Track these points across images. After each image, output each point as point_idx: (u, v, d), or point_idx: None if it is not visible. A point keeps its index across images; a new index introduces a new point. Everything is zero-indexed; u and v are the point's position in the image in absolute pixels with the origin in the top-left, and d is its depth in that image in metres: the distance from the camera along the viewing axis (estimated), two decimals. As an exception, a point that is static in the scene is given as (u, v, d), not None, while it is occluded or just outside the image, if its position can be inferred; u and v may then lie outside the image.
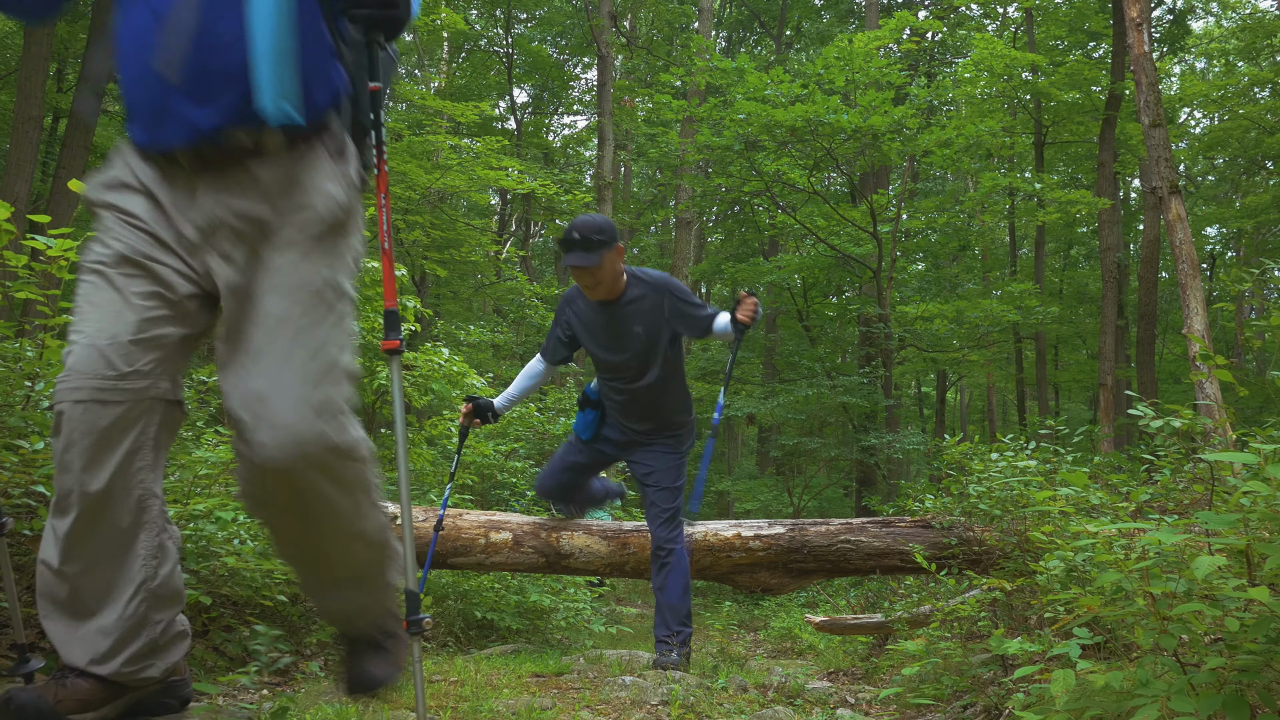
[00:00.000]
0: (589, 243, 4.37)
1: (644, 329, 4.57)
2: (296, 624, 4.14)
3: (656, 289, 4.64)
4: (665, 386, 4.74)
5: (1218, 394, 7.89)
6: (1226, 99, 21.70)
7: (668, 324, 4.63)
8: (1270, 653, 2.05)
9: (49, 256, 3.28)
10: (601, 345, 4.68)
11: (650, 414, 4.79)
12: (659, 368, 4.67)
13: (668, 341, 4.67)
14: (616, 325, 4.59)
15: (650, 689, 3.58)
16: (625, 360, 4.64)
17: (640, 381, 4.68)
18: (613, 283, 4.53)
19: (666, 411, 4.82)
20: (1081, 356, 27.44)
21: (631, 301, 4.60)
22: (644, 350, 4.61)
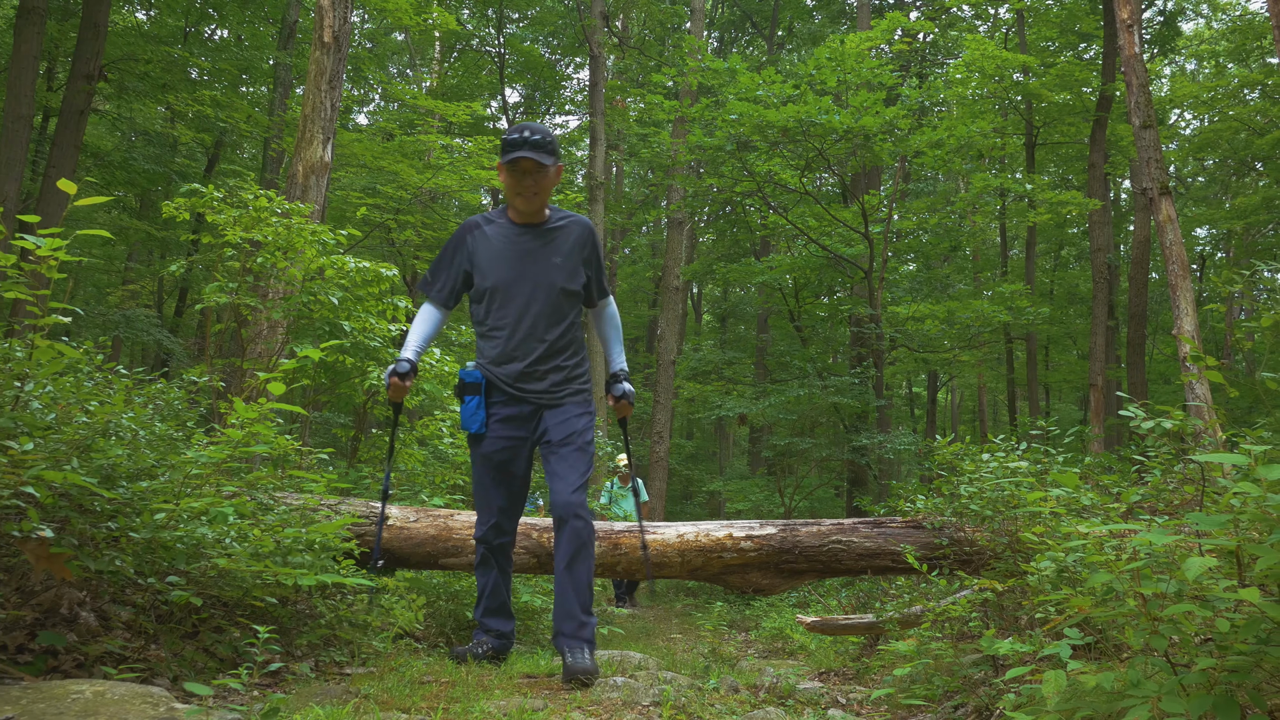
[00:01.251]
0: (544, 144, 4.01)
1: (563, 260, 4.16)
2: (287, 625, 4.13)
3: (581, 224, 4.26)
4: (568, 331, 4.21)
5: (1208, 395, 7.92)
6: (1217, 100, 21.79)
7: (584, 265, 4.25)
8: (1260, 653, 2.05)
9: (38, 256, 3.27)
10: (512, 275, 4.14)
11: (553, 366, 4.16)
12: (566, 308, 4.18)
13: (578, 285, 4.22)
14: (536, 252, 4.15)
15: (642, 690, 3.58)
16: (535, 294, 4.12)
17: (549, 326, 4.14)
18: (546, 200, 4.15)
19: (571, 363, 4.22)
20: (1072, 357, 27.53)
21: (557, 228, 4.20)
22: (559, 283, 4.13)
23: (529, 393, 4.15)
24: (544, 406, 4.17)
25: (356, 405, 8.79)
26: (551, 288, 4.13)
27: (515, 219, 4.19)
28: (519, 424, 4.18)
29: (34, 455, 3.06)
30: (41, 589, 3.19)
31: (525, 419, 4.18)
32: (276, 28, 21.25)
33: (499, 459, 4.17)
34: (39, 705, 2.51)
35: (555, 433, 4.14)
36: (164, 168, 18.67)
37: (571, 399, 4.20)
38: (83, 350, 4.18)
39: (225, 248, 6.95)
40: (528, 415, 4.18)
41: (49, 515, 3.16)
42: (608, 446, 13.17)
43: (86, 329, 17.00)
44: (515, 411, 4.16)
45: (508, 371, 4.14)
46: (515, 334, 4.13)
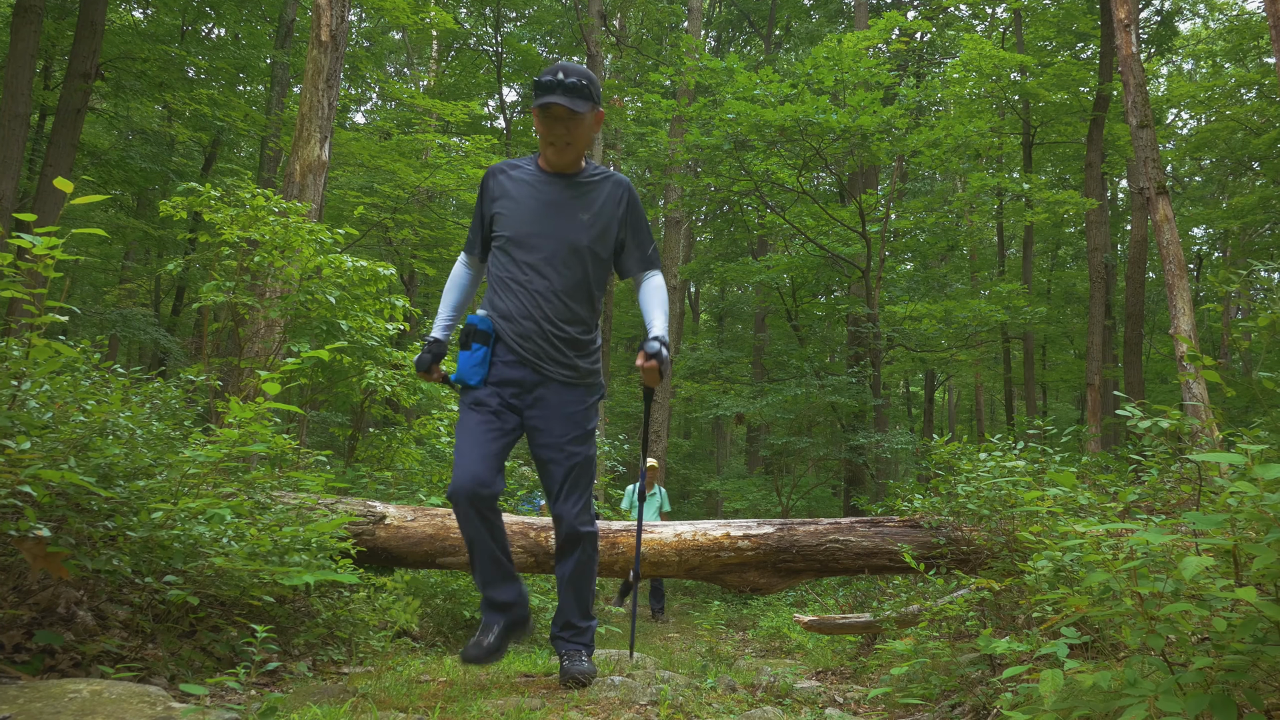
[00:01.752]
0: (580, 89, 3.61)
1: (592, 219, 3.76)
2: (285, 624, 4.13)
3: (619, 184, 3.85)
4: (587, 300, 3.79)
5: (1204, 394, 7.93)
6: (1214, 100, 21.82)
7: (619, 226, 3.84)
8: (1257, 652, 2.06)
9: (35, 255, 3.26)
10: (532, 226, 3.74)
11: (567, 336, 3.73)
12: (589, 273, 3.77)
13: (607, 248, 3.82)
14: (564, 204, 3.75)
15: (639, 689, 3.58)
16: (556, 251, 3.72)
17: (567, 288, 3.73)
18: (582, 150, 3.76)
19: (586, 338, 3.80)
20: (1069, 356, 27.55)
21: (591, 182, 3.81)
22: (584, 243, 3.73)
23: (534, 358, 3.71)
24: (547, 380, 3.72)
25: (354, 404, 8.79)
26: (575, 246, 3.72)
27: (545, 167, 3.80)
28: (517, 389, 3.72)
29: (31, 454, 3.06)
30: (39, 588, 3.19)
31: (527, 388, 3.73)
32: (274, 26, 21.24)
33: (495, 408, 3.69)
34: (36, 704, 2.51)
35: (553, 430, 3.72)
36: (161, 166, 18.64)
37: (579, 383, 3.77)
38: (80, 349, 4.17)
39: (222, 247, 6.95)
40: (529, 384, 3.73)
41: (46, 514, 3.16)
42: (605, 446, 13.05)
43: (83, 328, 16.98)
44: (518, 375, 3.72)
45: (517, 328, 3.72)
46: (531, 290, 3.71)
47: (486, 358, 3.73)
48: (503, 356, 3.73)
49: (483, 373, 3.72)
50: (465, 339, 3.75)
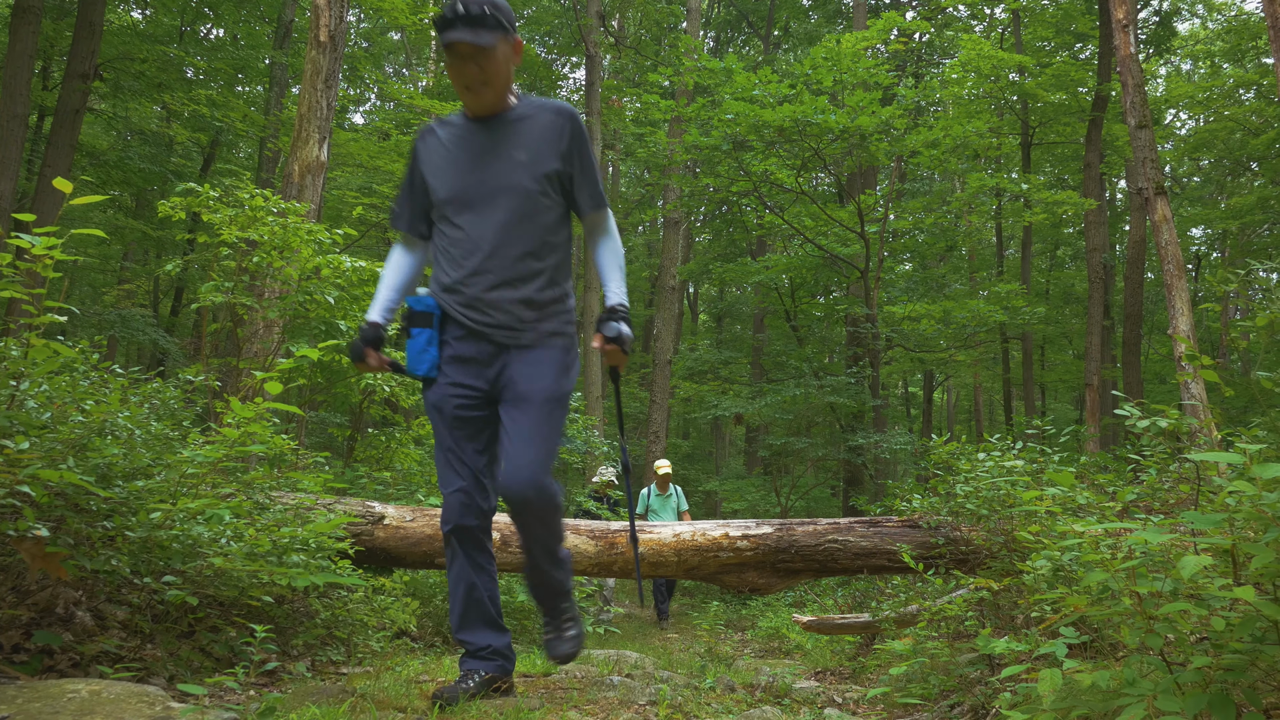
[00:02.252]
0: (483, 18, 3.13)
1: (531, 156, 3.26)
2: (284, 625, 4.13)
3: (560, 112, 3.33)
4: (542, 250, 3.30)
5: (1203, 394, 7.94)
6: (1212, 100, 21.84)
7: (561, 160, 3.32)
8: (1256, 652, 2.06)
9: (33, 255, 3.26)
10: (465, 180, 3.29)
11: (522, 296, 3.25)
12: (539, 218, 3.29)
13: (554, 186, 3.32)
14: (496, 147, 3.29)
15: (638, 689, 3.58)
16: (496, 201, 3.26)
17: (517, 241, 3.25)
18: (503, 88, 3.25)
19: (547, 295, 3.30)
20: (1068, 356, 27.56)
21: (521, 119, 3.31)
22: (526, 185, 3.25)
23: (488, 327, 3.25)
24: (508, 347, 3.27)
25: (352, 405, 8.79)
26: (517, 191, 3.25)
27: (470, 115, 3.34)
28: (476, 368, 3.28)
29: (30, 454, 3.06)
30: (37, 588, 3.18)
31: (484, 362, 3.28)
32: (272, 27, 21.24)
33: (455, 410, 3.28)
34: (35, 704, 2.51)
35: (519, 384, 3.23)
36: (159, 167, 18.64)
37: (546, 342, 3.30)
38: (78, 349, 4.17)
39: (221, 247, 6.94)
40: (487, 358, 3.28)
41: (45, 514, 3.16)
42: (604, 447, 12.98)
43: (82, 328, 16.97)
44: (472, 351, 3.28)
45: (463, 298, 3.27)
46: (472, 251, 3.25)
47: (433, 341, 3.31)
48: (453, 334, 3.31)
49: (431, 358, 3.31)
50: (406, 324, 3.34)
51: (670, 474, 11.85)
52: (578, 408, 11.69)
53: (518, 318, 3.26)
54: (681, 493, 12.08)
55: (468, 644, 3.35)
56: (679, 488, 12.06)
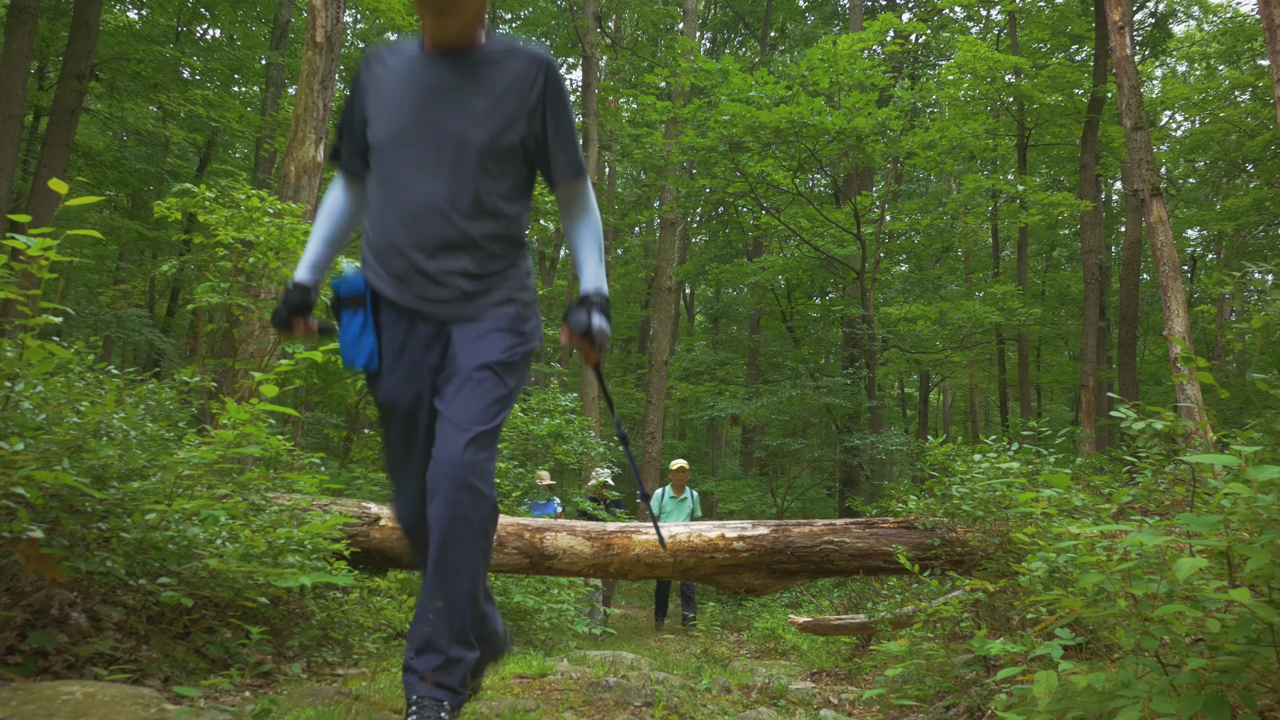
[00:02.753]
0: None
1: (491, 106, 2.75)
2: (279, 626, 4.12)
3: (534, 60, 2.80)
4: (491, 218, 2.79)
5: (1199, 396, 7.94)
6: (1207, 102, 21.87)
7: (528, 117, 2.80)
8: (1251, 654, 2.06)
9: (29, 256, 3.26)
10: (409, 114, 2.77)
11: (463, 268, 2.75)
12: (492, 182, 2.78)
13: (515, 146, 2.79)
14: (452, 89, 2.76)
15: (634, 690, 3.58)
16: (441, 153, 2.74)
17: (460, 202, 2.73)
18: (473, 19, 2.71)
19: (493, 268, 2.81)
20: (1063, 358, 27.60)
21: (487, 62, 2.78)
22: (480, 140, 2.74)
23: (426, 302, 2.76)
24: (451, 322, 2.78)
25: (349, 406, 8.79)
26: (468, 145, 2.73)
27: (429, 46, 2.81)
28: (419, 352, 2.80)
29: (25, 455, 3.05)
30: (32, 590, 3.18)
31: (426, 344, 2.80)
32: (269, 27, 21.22)
33: (404, 405, 2.81)
34: (29, 706, 2.50)
35: (460, 358, 2.73)
36: (156, 167, 18.62)
37: (493, 311, 2.80)
38: (74, 350, 4.17)
39: (217, 248, 6.94)
40: (429, 339, 2.79)
41: (40, 516, 3.16)
42: (600, 448, 12.91)
43: (78, 329, 16.95)
44: (409, 334, 2.80)
45: (394, 268, 2.77)
46: (407, 209, 2.74)
47: (367, 326, 2.82)
48: (389, 316, 2.83)
49: (368, 347, 2.81)
50: (334, 308, 2.87)
51: (687, 475, 11.48)
52: (573, 409, 11.64)
53: (460, 290, 2.76)
54: (697, 498, 11.67)
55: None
56: (695, 493, 11.63)
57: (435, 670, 2.55)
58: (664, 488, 11.57)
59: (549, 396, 11.57)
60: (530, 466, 10.51)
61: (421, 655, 2.58)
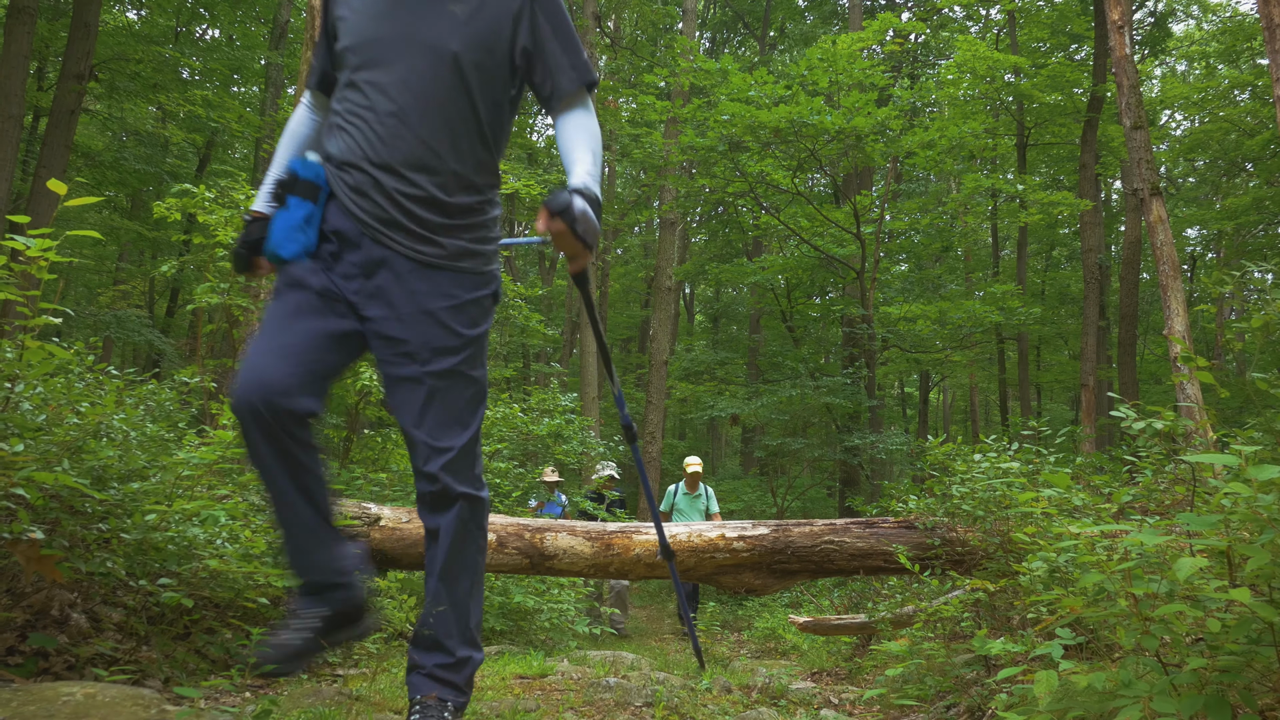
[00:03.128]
0: None
1: (470, 11, 2.49)
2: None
3: None
4: (463, 138, 2.51)
5: (1199, 395, 7.94)
6: (1207, 101, 21.88)
7: (513, 21, 2.55)
8: (1251, 653, 2.06)
9: (28, 257, 3.26)
10: (377, 21, 2.51)
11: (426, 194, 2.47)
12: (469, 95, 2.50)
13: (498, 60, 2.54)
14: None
15: (634, 690, 3.58)
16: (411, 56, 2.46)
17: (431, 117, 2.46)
18: None
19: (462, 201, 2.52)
20: (1063, 357, 27.60)
21: None
22: (454, 48, 2.47)
23: (375, 222, 2.47)
24: (395, 257, 2.47)
25: (348, 406, 8.79)
26: (440, 54, 2.46)
27: None
28: (354, 273, 2.49)
29: (25, 457, 3.05)
30: (32, 591, 3.18)
31: (364, 270, 2.48)
32: (268, 28, 21.22)
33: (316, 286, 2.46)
34: (29, 707, 2.50)
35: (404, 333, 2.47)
36: (155, 168, 18.62)
37: (450, 264, 2.50)
38: (73, 351, 4.17)
39: (217, 248, 6.94)
40: (369, 264, 2.48)
41: (40, 517, 3.16)
42: (600, 447, 12.88)
43: (77, 330, 16.95)
44: (355, 250, 2.49)
45: (350, 181, 2.49)
46: (369, 121, 2.47)
47: (313, 221, 2.50)
48: (336, 222, 2.51)
49: (305, 241, 2.49)
50: (282, 190, 2.54)
51: (700, 472, 11.14)
52: (573, 409, 11.62)
53: (413, 217, 2.46)
54: (712, 494, 11.27)
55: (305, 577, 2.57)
56: (710, 488, 11.30)
57: (443, 668, 2.53)
58: (677, 485, 11.22)
59: (549, 396, 11.57)
60: (530, 466, 10.51)
61: (429, 653, 2.54)
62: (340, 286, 2.47)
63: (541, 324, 17.86)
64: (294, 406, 2.36)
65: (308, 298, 2.44)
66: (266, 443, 2.37)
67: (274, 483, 2.43)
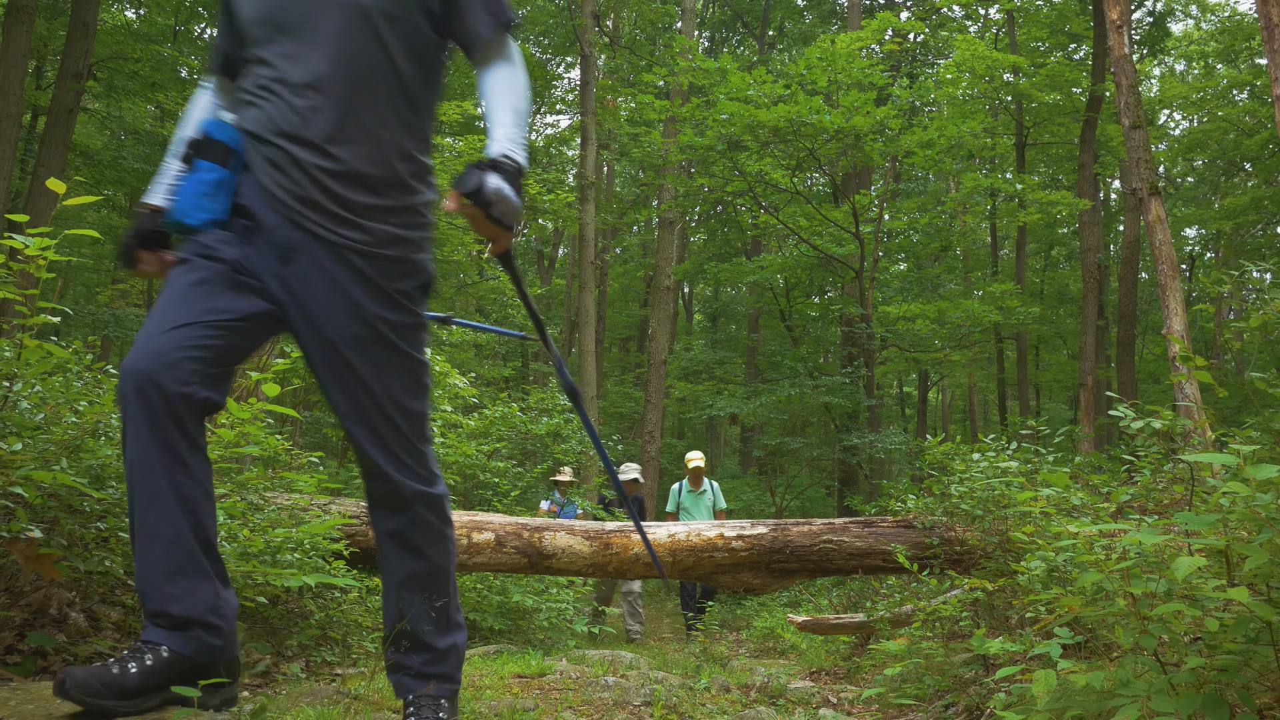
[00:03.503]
0: None
1: None
2: (278, 625, 4.12)
3: None
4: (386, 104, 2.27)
5: (1197, 395, 7.94)
6: (1206, 101, 21.90)
7: None
8: (1249, 652, 2.06)
9: (27, 256, 3.25)
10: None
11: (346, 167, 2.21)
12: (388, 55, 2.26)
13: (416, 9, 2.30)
14: None
15: (633, 690, 3.58)
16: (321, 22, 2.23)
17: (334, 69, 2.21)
18: None
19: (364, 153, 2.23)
20: (1062, 357, 27.61)
21: None
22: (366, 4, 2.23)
23: (292, 200, 2.22)
24: (313, 240, 2.22)
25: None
26: (348, 9, 2.24)
27: None
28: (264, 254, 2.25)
29: (23, 455, 3.05)
30: (30, 590, 3.18)
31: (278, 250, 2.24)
32: (267, 26, 21.18)
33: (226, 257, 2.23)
34: (28, 706, 2.50)
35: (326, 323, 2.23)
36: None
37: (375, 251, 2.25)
38: (72, 350, 4.16)
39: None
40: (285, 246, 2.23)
41: (38, 516, 3.15)
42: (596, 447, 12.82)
43: (75, 328, 16.94)
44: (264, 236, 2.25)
45: (266, 155, 2.25)
46: (280, 89, 2.23)
47: (224, 188, 2.25)
48: (250, 197, 2.27)
49: (215, 209, 2.24)
50: (193, 152, 2.27)
51: (703, 467, 10.67)
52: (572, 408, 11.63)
53: (338, 198, 2.21)
54: (719, 490, 10.80)
55: (157, 605, 2.19)
56: (715, 483, 10.84)
57: (429, 664, 2.39)
58: (680, 482, 10.84)
59: (548, 396, 11.57)
60: (529, 466, 10.50)
61: (411, 655, 2.40)
62: (255, 265, 2.23)
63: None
64: (190, 393, 2.11)
65: (219, 270, 2.21)
66: (151, 431, 2.10)
67: (148, 482, 2.13)
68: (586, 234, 18.34)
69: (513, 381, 21.88)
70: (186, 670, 2.18)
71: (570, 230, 23.89)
